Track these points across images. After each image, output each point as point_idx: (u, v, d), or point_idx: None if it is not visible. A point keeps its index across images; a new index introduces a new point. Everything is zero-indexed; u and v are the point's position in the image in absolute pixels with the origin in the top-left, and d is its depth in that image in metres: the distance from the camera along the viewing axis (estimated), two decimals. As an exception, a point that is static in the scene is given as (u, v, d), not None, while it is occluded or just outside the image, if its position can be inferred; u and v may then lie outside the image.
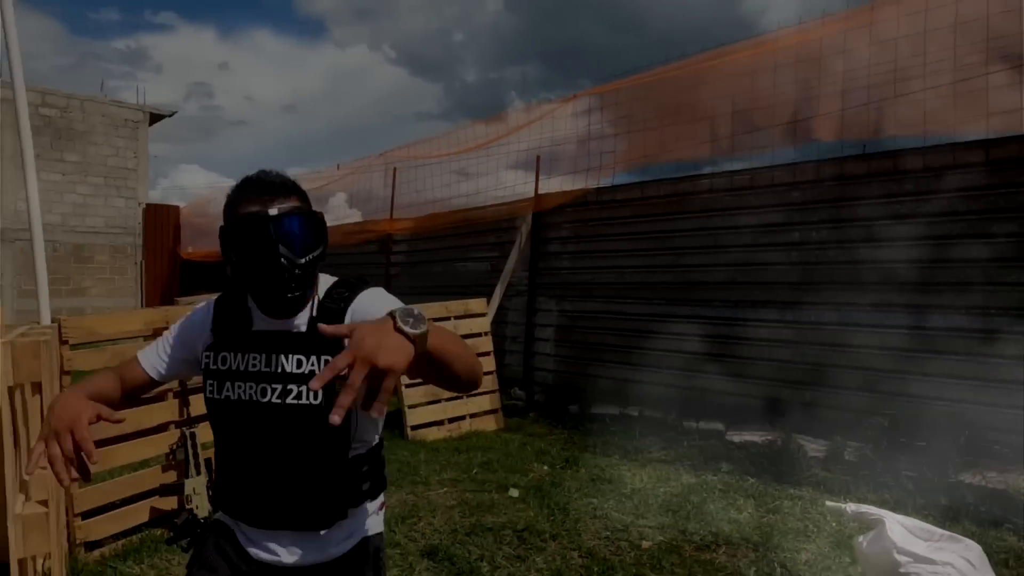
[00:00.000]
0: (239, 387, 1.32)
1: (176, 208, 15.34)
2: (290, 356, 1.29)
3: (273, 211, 1.24)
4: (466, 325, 6.22)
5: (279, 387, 1.29)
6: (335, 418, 0.92)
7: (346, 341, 0.98)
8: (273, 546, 1.34)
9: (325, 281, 1.37)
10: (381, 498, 1.46)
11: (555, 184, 6.88)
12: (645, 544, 3.38)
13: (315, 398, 1.27)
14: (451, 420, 5.84)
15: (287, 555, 1.34)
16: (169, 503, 3.50)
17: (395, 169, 9.05)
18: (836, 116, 4.67)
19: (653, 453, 5.04)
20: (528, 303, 7.11)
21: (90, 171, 14.25)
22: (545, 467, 4.75)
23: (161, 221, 14.82)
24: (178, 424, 3.55)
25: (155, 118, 15.34)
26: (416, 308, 1.02)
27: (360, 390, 0.94)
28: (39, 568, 2.12)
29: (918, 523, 2.40)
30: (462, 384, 1.16)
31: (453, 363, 1.09)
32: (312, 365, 1.28)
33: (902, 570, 2.24)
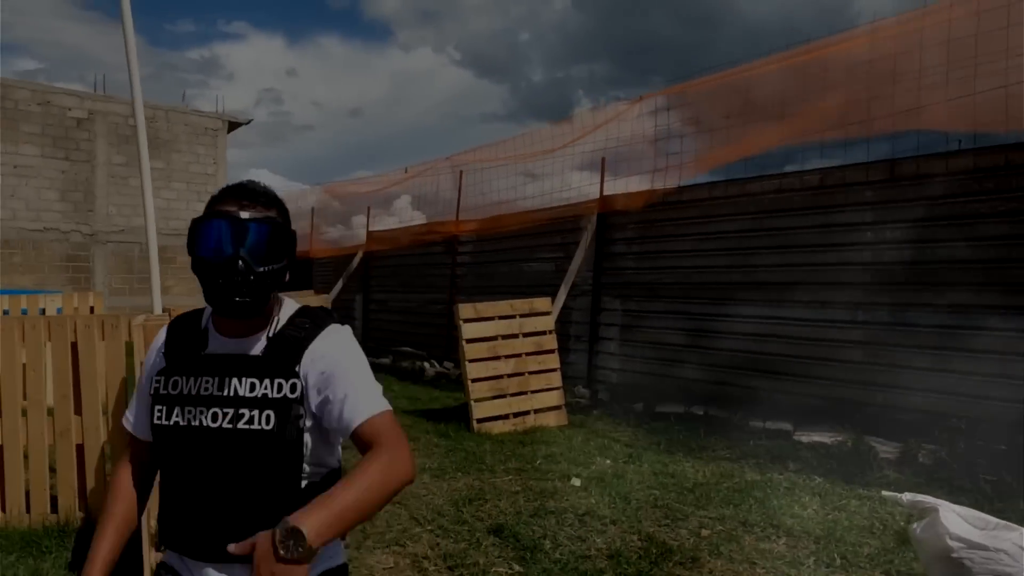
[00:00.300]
0: (189, 412, 1.29)
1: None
2: (243, 379, 1.28)
3: (245, 215, 1.26)
4: (531, 323, 6.53)
5: (231, 411, 1.26)
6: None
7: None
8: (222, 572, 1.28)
9: (289, 307, 1.38)
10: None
11: (623, 185, 7.07)
12: (704, 532, 3.57)
13: (267, 423, 1.25)
14: (516, 415, 6.14)
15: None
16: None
17: (461, 172, 9.47)
18: (948, 106, 4.50)
19: (718, 451, 5.18)
20: (592, 303, 7.34)
21: (173, 177, 15.42)
22: (608, 461, 4.97)
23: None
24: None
25: (232, 126, 16.47)
26: (296, 527, 1.06)
27: None
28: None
29: (973, 512, 2.51)
30: (391, 499, 1.22)
31: (373, 508, 1.17)
32: (265, 388, 1.27)
33: (954, 555, 2.37)
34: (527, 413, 6.22)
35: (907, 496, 2.68)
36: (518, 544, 3.36)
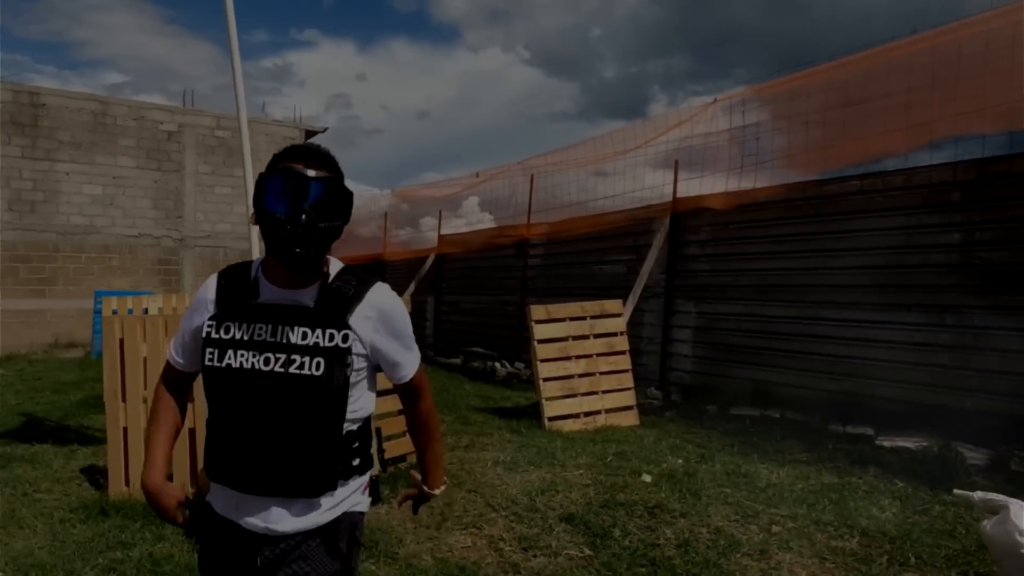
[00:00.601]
0: (242, 355, 1.40)
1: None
2: (296, 328, 1.39)
3: (311, 172, 1.39)
4: (601, 325, 6.74)
5: (283, 356, 1.38)
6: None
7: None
8: (264, 513, 1.43)
9: (336, 264, 1.50)
10: (367, 477, 1.56)
11: (699, 185, 7.14)
12: (775, 528, 3.70)
13: (317, 369, 1.38)
14: (587, 414, 6.37)
15: (276, 522, 1.43)
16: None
17: (532, 176, 9.78)
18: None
19: (794, 454, 5.23)
20: (665, 305, 7.48)
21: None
22: (679, 460, 5.13)
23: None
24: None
25: (309, 134, 17.43)
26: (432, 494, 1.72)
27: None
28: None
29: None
30: None
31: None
32: (317, 338, 1.39)
33: (998, 538, 2.46)
34: (598, 412, 6.44)
35: (979, 494, 2.76)
36: (588, 531, 3.60)
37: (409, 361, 1.54)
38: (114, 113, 14.59)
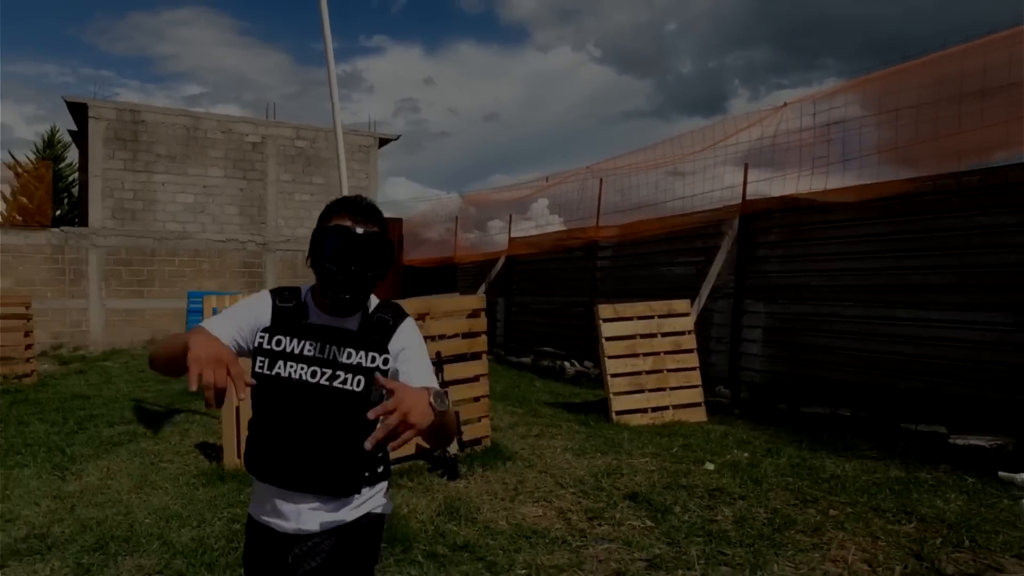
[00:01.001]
0: (291, 367, 1.61)
1: (399, 221, 18.19)
2: (343, 348, 1.62)
3: (359, 230, 1.59)
4: (669, 324, 7.07)
5: (329, 372, 1.60)
6: (367, 444, 1.32)
7: (385, 393, 1.39)
8: (295, 516, 1.64)
9: (373, 299, 1.72)
10: (387, 483, 1.77)
11: (789, 183, 7.22)
12: (832, 512, 3.97)
13: (357, 386, 1.60)
14: (654, 409, 6.71)
15: (306, 522, 1.64)
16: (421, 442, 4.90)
17: (601, 180, 10.18)
18: None
19: (863, 451, 5.42)
20: (735, 305, 7.71)
21: (331, 192, 17.48)
22: (745, 454, 5.41)
23: (388, 233, 17.69)
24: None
25: (383, 142, 18.38)
26: (444, 391, 1.47)
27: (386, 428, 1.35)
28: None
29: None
30: (436, 445, 1.76)
31: (443, 438, 1.56)
32: (360, 358, 1.61)
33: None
34: (665, 408, 6.77)
35: (1021, 475, 3.01)
36: (650, 507, 3.99)
37: (419, 380, 1.62)
38: (204, 127, 15.91)
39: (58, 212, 21.72)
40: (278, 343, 1.62)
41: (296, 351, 1.61)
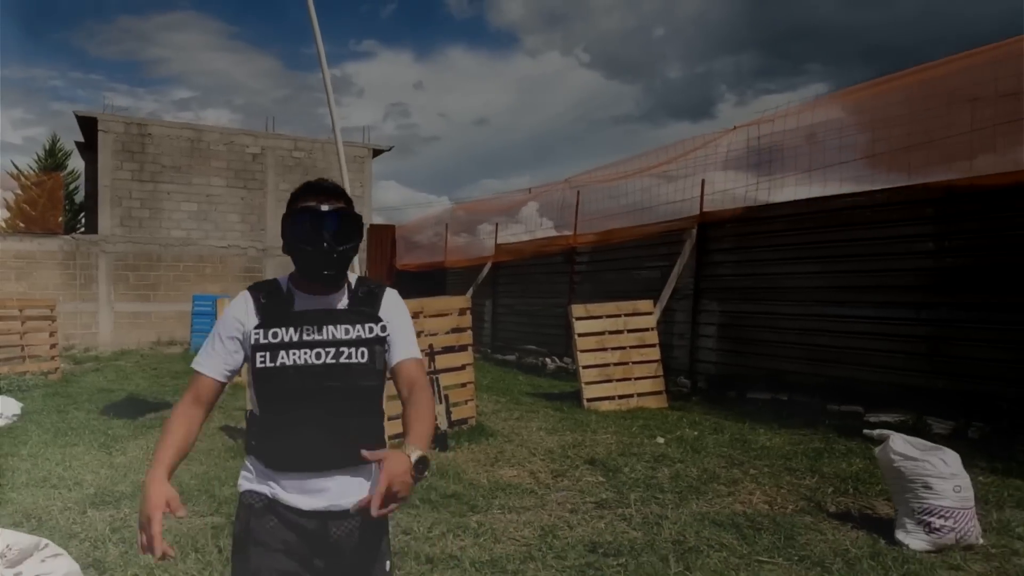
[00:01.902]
0: (294, 354, 1.63)
1: (392, 228, 18.99)
2: (339, 325, 1.67)
3: (324, 207, 1.64)
4: (634, 322, 7.94)
5: (332, 350, 1.65)
6: (373, 514, 1.43)
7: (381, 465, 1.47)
8: (327, 493, 1.65)
9: (351, 276, 1.78)
10: None
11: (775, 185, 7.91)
12: (752, 471, 4.84)
13: (362, 357, 1.67)
14: (620, 397, 7.57)
15: (339, 497, 1.65)
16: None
17: (578, 192, 11.05)
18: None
19: (794, 428, 6.28)
20: (693, 305, 8.59)
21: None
22: (695, 432, 6.27)
23: (381, 238, 18.44)
24: (429, 373, 5.78)
25: (376, 152, 19.18)
26: (425, 456, 1.55)
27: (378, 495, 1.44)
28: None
29: (918, 440, 3.68)
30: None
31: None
32: (359, 331, 1.68)
33: (895, 465, 3.57)
34: (631, 396, 7.63)
35: (877, 432, 3.89)
36: (604, 468, 4.84)
37: (406, 347, 1.76)
38: (207, 139, 16.67)
39: (60, 219, 22.36)
40: (274, 335, 1.65)
41: (295, 338, 1.65)
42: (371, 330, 1.70)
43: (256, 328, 1.66)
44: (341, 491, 1.65)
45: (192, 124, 16.86)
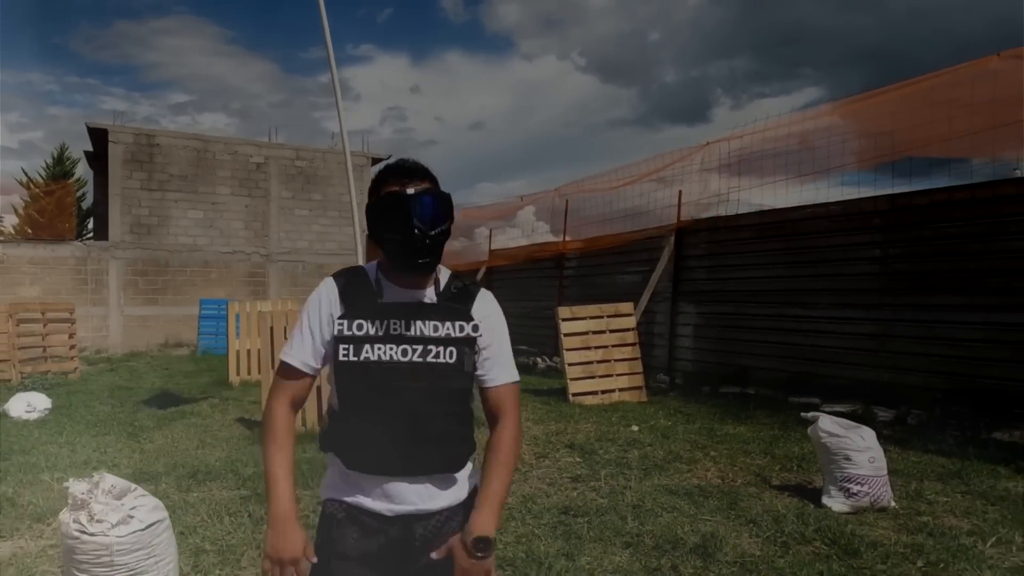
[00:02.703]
0: (379, 349, 1.52)
1: (391, 234, 19.64)
2: (427, 321, 1.54)
3: (410, 191, 1.49)
4: (616, 323, 8.54)
5: (420, 347, 1.52)
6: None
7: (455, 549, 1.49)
8: (412, 496, 1.54)
9: (444, 270, 1.62)
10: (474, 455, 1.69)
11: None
12: (712, 454, 5.44)
13: (451, 357, 1.53)
14: (603, 392, 8.17)
15: (426, 500, 1.55)
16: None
17: (567, 201, 11.67)
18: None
19: (758, 418, 6.89)
20: (672, 307, 9.21)
21: (328, 207, 18.84)
22: (668, 422, 6.87)
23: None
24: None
25: (375, 161, 19.78)
26: (485, 536, 1.49)
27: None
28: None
29: (843, 420, 4.29)
30: None
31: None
32: (447, 330, 1.54)
33: (822, 441, 4.18)
34: (612, 391, 8.23)
35: (811, 414, 4.50)
36: (582, 451, 5.44)
37: (504, 367, 1.64)
38: (212, 149, 17.25)
39: (70, 225, 22.91)
40: (359, 327, 1.54)
41: (381, 332, 1.53)
42: (462, 329, 1.57)
43: (340, 318, 1.56)
44: (426, 496, 1.56)
45: (198, 135, 17.44)
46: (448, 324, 1.56)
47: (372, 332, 1.53)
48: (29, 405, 7.09)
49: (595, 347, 8.37)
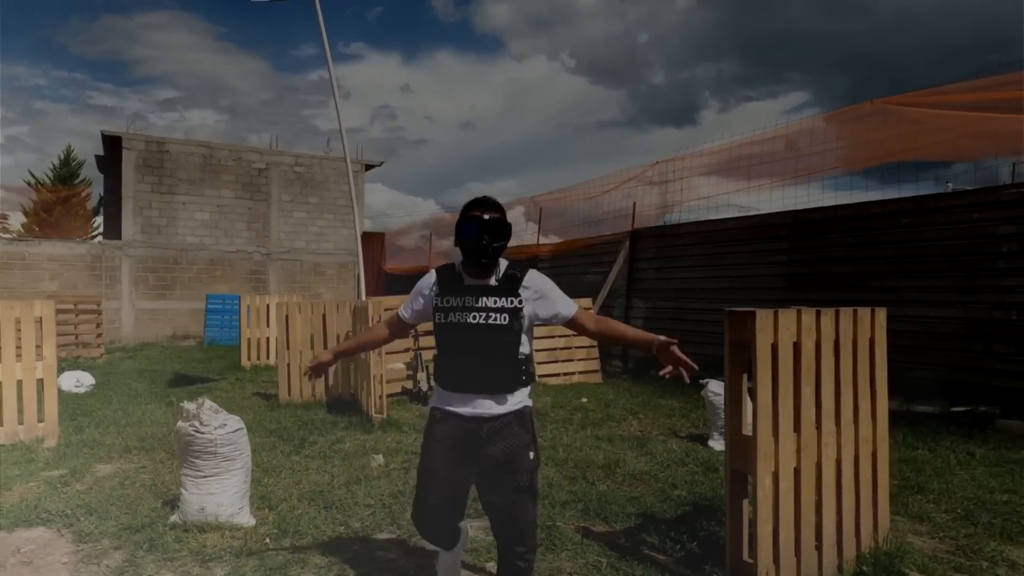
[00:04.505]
0: (457, 315, 2.38)
1: (383, 235, 20.84)
2: (489, 297, 2.38)
3: (486, 217, 2.36)
4: (578, 315, 9.85)
5: (483, 315, 2.36)
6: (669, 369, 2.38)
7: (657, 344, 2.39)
8: (479, 405, 2.39)
9: (503, 261, 2.47)
10: (531, 388, 2.52)
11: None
12: (641, 416, 6.76)
13: (504, 320, 2.34)
14: (564, 374, 9.48)
15: (487, 409, 2.38)
16: (408, 384, 7.62)
17: (540, 208, 12.98)
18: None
19: (690, 395, 8.21)
20: (626, 302, 10.55)
21: (325, 209, 20.02)
22: (613, 396, 8.18)
23: (373, 244, 20.26)
24: (413, 349, 7.66)
25: (368, 167, 20.98)
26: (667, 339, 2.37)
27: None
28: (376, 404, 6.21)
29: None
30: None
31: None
32: (502, 302, 2.36)
33: (710, 399, 5.50)
34: (572, 374, 9.54)
35: (705, 379, 5.82)
36: (538, 414, 6.66)
37: (563, 307, 2.47)
38: (218, 155, 18.41)
39: (86, 225, 23.95)
40: (446, 301, 2.40)
41: (459, 304, 2.37)
42: (511, 302, 2.37)
43: (437, 295, 2.45)
44: (488, 406, 2.36)
45: (205, 142, 18.58)
46: (503, 299, 2.37)
47: (456, 304, 2.40)
48: (78, 381, 8.29)
49: (558, 335, 9.68)
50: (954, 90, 6.66)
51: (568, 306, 2.49)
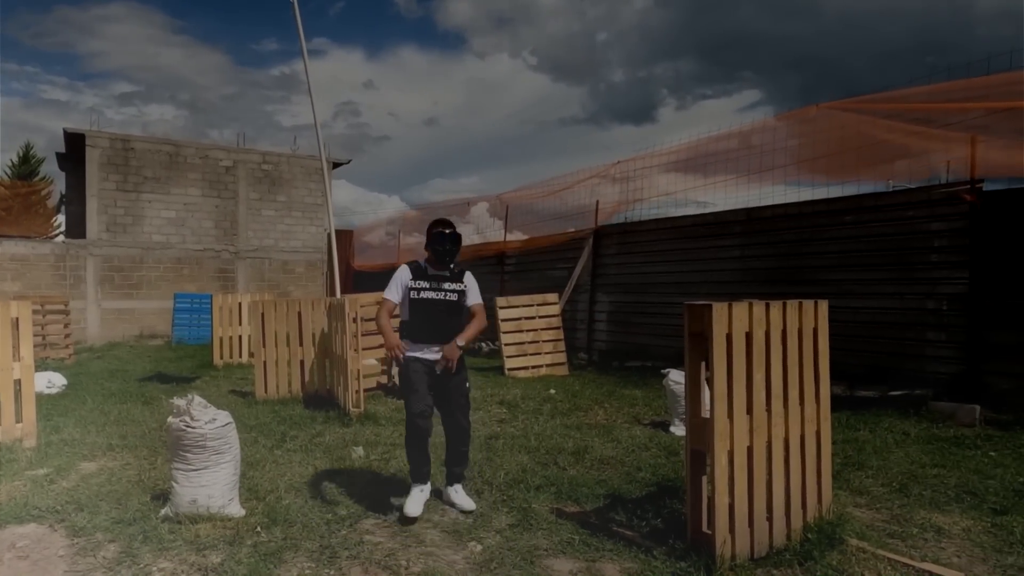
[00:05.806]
0: (425, 293, 3.82)
1: (351, 232, 20.75)
2: (447, 283, 3.86)
3: (447, 231, 3.83)
4: (544, 310, 10.07)
5: (442, 294, 3.84)
6: (437, 369, 3.79)
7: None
8: (434, 351, 3.77)
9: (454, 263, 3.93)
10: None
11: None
12: (607, 406, 7.01)
13: (456, 298, 3.85)
14: (533, 367, 9.70)
15: (436, 354, 3.79)
16: (383, 379, 7.73)
17: (507, 206, 13.15)
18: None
19: (651, 386, 8.51)
20: (590, 297, 10.81)
21: (292, 207, 19.85)
22: (580, 387, 8.43)
23: (341, 242, 20.14)
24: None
25: (335, 165, 20.85)
26: (463, 345, 3.82)
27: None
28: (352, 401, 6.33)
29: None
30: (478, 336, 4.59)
31: (476, 339, 4.86)
32: (454, 285, 3.85)
33: (671, 388, 5.78)
34: (540, 366, 9.77)
35: (665, 370, 6.09)
36: (509, 405, 6.94)
37: (475, 297, 3.93)
38: (184, 153, 18.09)
39: (47, 223, 23.22)
40: (418, 283, 3.81)
41: (427, 286, 3.80)
42: (459, 286, 3.86)
43: (411, 280, 3.84)
44: (437, 352, 3.74)
45: (171, 140, 18.24)
46: (454, 284, 3.86)
47: (424, 286, 3.83)
48: (49, 382, 8.17)
49: (527, 330, 9.89)
50: (898, 97, 7.04)
51: (477, 298, 3.96)
